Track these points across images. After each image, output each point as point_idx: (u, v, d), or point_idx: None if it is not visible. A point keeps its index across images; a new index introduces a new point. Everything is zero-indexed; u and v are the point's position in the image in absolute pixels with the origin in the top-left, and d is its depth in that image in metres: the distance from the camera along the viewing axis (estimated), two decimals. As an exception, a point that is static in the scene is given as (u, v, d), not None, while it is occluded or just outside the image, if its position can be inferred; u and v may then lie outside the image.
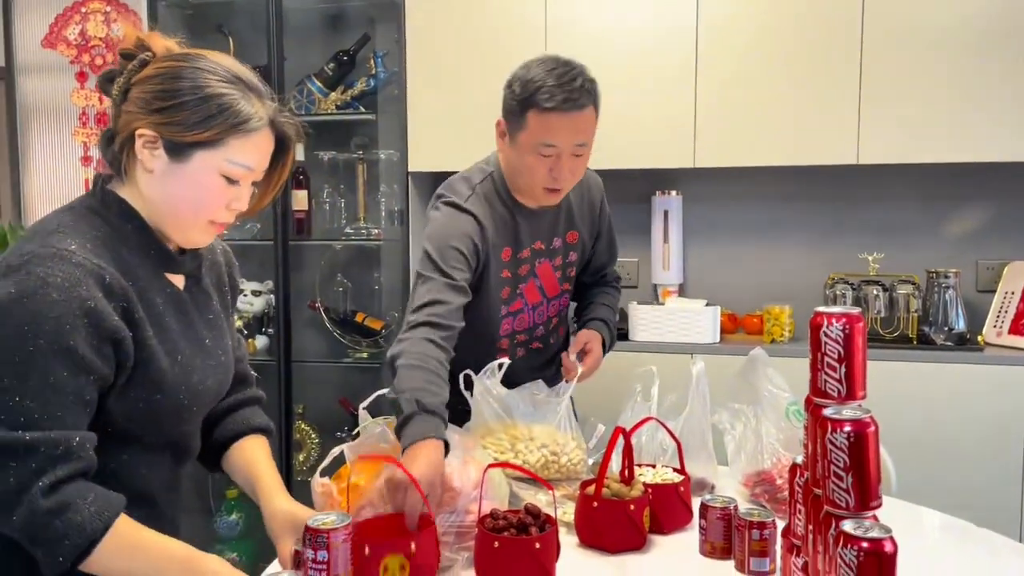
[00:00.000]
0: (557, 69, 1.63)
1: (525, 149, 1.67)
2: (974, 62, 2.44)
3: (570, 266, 1.91)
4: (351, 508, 1.36)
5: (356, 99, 2.96)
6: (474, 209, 1.73)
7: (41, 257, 1.04)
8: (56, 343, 1.01)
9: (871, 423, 0.96)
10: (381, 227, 2.99)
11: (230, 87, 1.15)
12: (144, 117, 1.12)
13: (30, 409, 1.00)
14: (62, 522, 1.00)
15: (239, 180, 1.16)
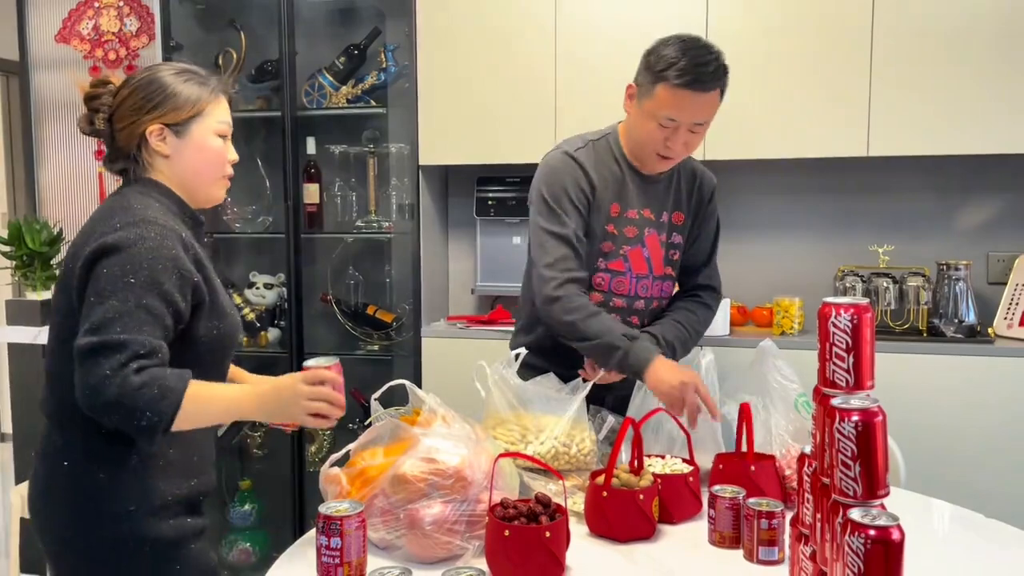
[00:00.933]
0: (694, 50, 1.73)
1: (648, 116, 1.77)
2: (985, 52, 2.43)
3: (674, 248, 1.95)
4: (362, 497, 1.38)
5: (367, 93, 2.97)
6: (581, 157, 1.86)
7: (136, 222, 1.36)
8: (149, 279, 1.32)
9: (879, 412, 0.97)
10: (392, 220, 3.00)
11: (188, 75, 1.49)
12: (144, 119, 1.44)
13: (125, 321, 1.28)
14: (156, 387, 1.26)
15: (226, 135, 1.54)
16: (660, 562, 1.38)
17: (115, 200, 1.44)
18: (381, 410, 1.62)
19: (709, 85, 1.74)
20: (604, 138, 1.90)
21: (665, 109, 1.74)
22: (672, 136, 1.78)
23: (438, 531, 1.35)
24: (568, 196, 1.82)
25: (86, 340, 1.27)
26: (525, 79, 2.74)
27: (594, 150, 1.87)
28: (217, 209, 3.15)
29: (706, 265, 2.02)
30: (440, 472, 1.38)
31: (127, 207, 1.39)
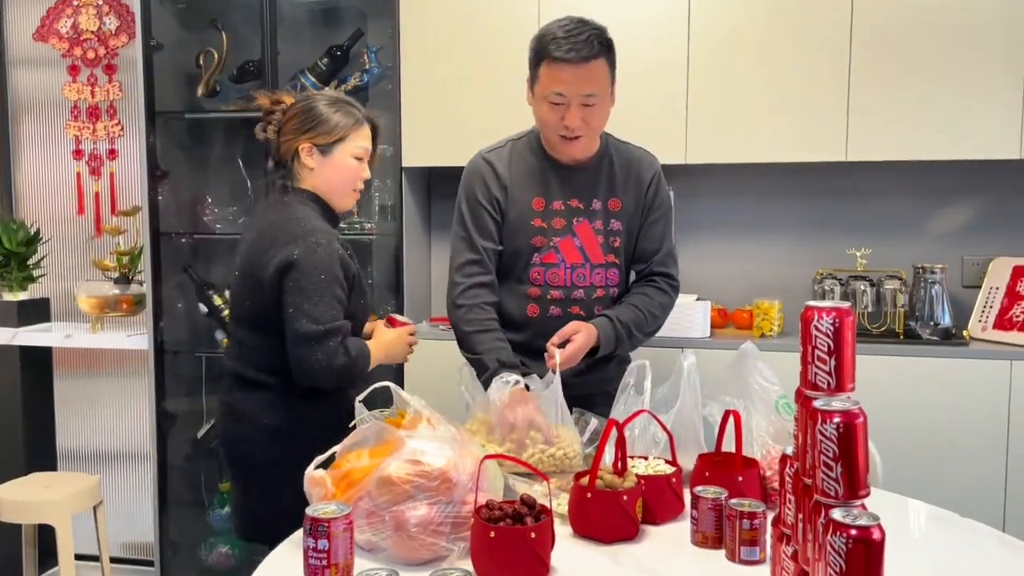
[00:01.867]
0: (568, 25, 1.81)
1: (540, 100, 1.86)
2: (963, 59, 2.47)
3: (613, 235, 1.96)
4: (347, 499, 1.38)
5: (350, 94, 2.94)
6: (493, 159, 1.96)
7: (309, 231, 1.77)
8: (333, 275, 1.76)
9: (860, 414, 0.99)
10: (374, 221, 3.00)
11: (340, 104, 1.88)
12: (300, 138, 1.85)
13: (332, 311, 1.74)
14: (360, 355, 1.80)
15: (363, 158, 1.90)
16: (644, 562, 1.39)
17: (283, 211, 1.83)
18: (366, 412, 1.63)
19: (585, 53, 1.77)
20: (527, 136, 1.98)
21: (549, 85, 1.81)
22: (566, 113, 1.82)
23: (423, 533, 1.35)
24: (477, 200, 1.94)
25: (314, 328, 1.71)
26: (508, 81, 2.74)
27: (513, 149, 1.96)
28: (197, 210, 3.14)
29: (658, 252, 2.01)
30: (425, 474, 1.38)
31: (297, 218, 1.80)
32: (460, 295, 1.94)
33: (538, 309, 1.96)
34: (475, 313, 1.92)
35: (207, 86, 3.04)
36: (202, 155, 3.21)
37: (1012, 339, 2.53)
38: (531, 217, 1.93)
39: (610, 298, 1.99)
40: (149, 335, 2.99)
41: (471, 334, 1.91)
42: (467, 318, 1.92)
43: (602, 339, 1.89)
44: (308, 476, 1.44)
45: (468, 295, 1.93)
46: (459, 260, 1.96)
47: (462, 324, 1.93)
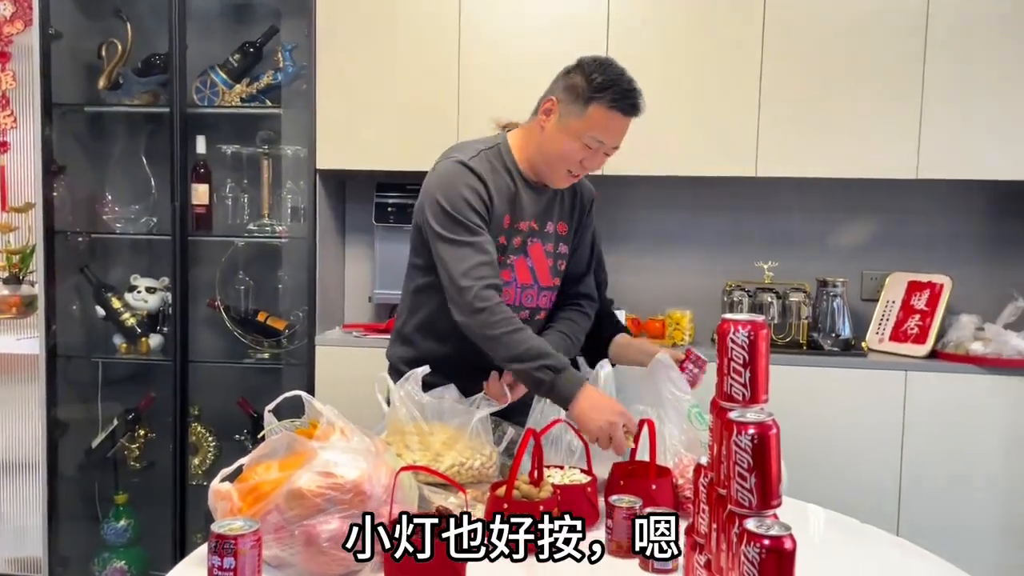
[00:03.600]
0: (625, 76, 1.76)
1: (572, 135, 1.76)
2: (865, 83, 2.58)
3: (560, 258, 1.95)
4: (254, 513, 1.33)
5: (262, 92, 2.88)
6: (476, 167, 1.80)
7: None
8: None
9: (773, 426, 1.01)
10: (286, 225, 2.92)
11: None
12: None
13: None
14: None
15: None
16: (559, 573, 1.38)
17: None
18: (275, 422, 1.57)
19: (638, 111, 1.76)
20: (495, 147, 1.86)
21: (595, 130, 1.74)
22: (591, 157, 1.78)
23: (335, 547, 1.31)
24: (470, 204, 1.77)
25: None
26: (428, 84, 2.72)
27: (487, 160, 1.84)
28: (96, 208, 2.99)
29: (585, 275, 2.04)
30: (338, 487, 1.34)
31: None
32: (475, 299, 1.71)
33: None
34: (497, 313, 1.71)
35: (109, 78, 2.91)
36: (102, 150, 3.07)
37: (906, 351, 2.66)
38: (498, 234, 1.84)
39: (544, 320, 1.98)
40: (41, 339, 2.83)
41: (502, 336, 1.70)
42: (491, 321, 1.70)
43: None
44: (213, 489, 1.38)
45: (483, 297, 1.72)
46: (464, 265, 1.73)
47: (487, 329, 1.71)
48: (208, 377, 2.98)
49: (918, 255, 2.87)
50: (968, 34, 2.54)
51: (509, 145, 1.87)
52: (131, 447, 3.03)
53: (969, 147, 2.56)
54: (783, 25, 2.59)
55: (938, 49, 2.54)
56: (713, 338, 2.80)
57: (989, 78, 2.54)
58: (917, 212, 2.87)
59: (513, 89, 2.65)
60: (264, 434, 1.54)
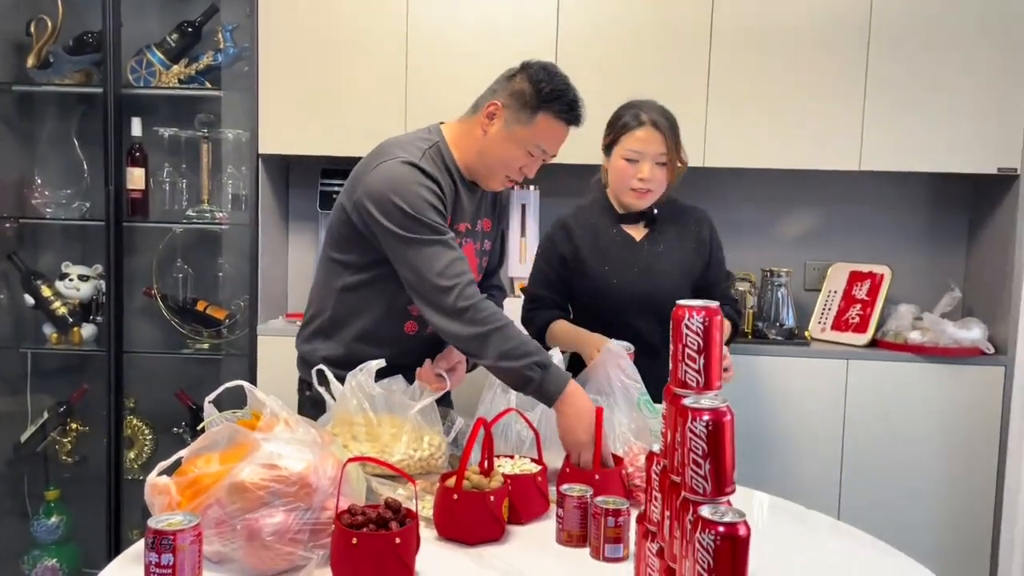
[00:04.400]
0: (571, 84, 1.76)
1: (516, 142, 1.74)
2: (810, 76, 2.62)
3: (485, 255, 1.94)
4: (194, 507, 1.28)
5: (201, 74, 2.79)
6: (429, 169, 1.73)
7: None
8: None
9: (727, 412, 1.00)
10: (226, 211, 2.84)
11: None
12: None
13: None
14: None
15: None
16: (510, 563, 1.37)
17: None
18: (216, 413, 1.51)
19: (582, 122, 1.77)
20: (435, 145, 1.79)
21: (541, 139, 1.73)
22: (530, 165, 1.77)
23: (279, 541, 1.27)
24: (430, 204, 1.69)
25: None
26: (374, 68, 2.67)
27: (431, 160, 1.76)
28: (24, 192, 2.86)
29: (498, 267, 2.05)
30: (282, 479, 1.30)
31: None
32: (457, 299, 1.63)
33: (416, 327, 1.83)
34: (480, 310, 1.64)
35: (38, 56, 2.78)
36: (31, 132, 2.93)
37: (847, 339, 2.71)
38: None
39: None
40: (-36, 329, 2.70)
41: (490, 334, 1.62)
42: (477, 319, 1.63)
43: (468, 363, 1.88)
44: (150, 483, 1.33)
45: (465, 296, 1.64)
46: (439, 264, 1.65)
47: (474, 326, 1.63)
48: (144, 368, 2.88)
49: (860, 246, 2.92)
50: (909, 31, 2.59)
51: (447, 142, 1.80)
52: (63, 441, 2.92)
53: (909, 140, 2.62)
54: (731, 22, 2.61)
55: (881, 45, 2.59)
56: (660, 327, 2.82)
57: (929, 74, 2.59)
58: (859, 203, 2.93)
59: (461, 77, 2.63)
60: (204, 426, 1.48)
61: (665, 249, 2.08)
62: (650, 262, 2.06)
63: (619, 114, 2.04)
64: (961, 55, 2.58)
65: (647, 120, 1.98)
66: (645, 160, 1.98)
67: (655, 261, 2.07)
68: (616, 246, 2.08)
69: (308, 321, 1.93)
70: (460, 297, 1.63)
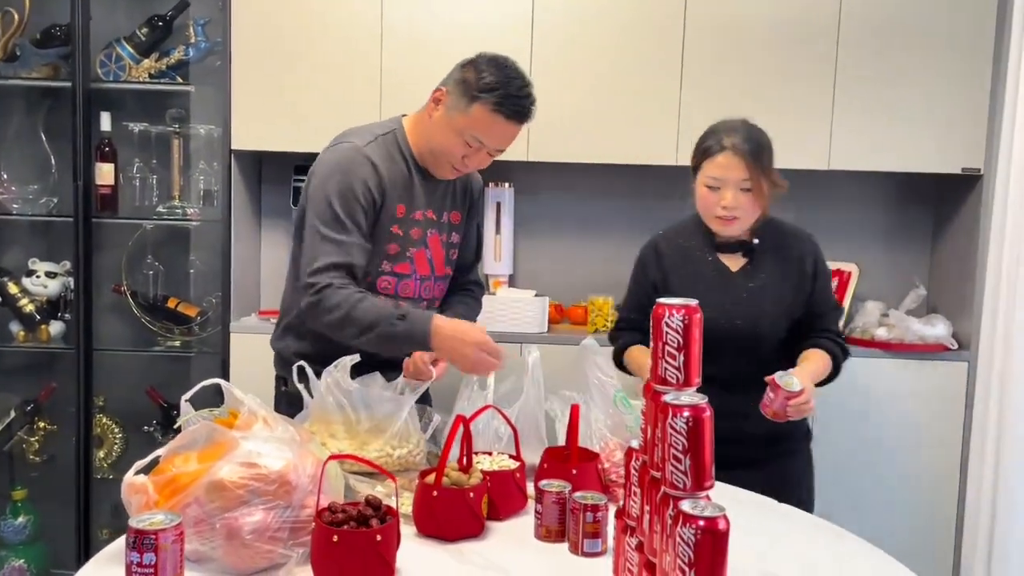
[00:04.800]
0: (516, 79, 1.72)
1: (455, 130, 1.72)
2: (780, 77, 2.65)
3: (453, 248, 1.93)
4: (172, 506, 1.27)
5: (172, 68, 2.76)
6: (372, 155, 1.74)
7: None
8: None
9: (707, 408, 1.02)
10: (198, 207, 2.81)
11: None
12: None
13: None
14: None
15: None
16: (490, 559, 1.38)
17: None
18: (192, 412, 1.50)
19: (525, 118, 1.74)
20: (391, 133, 1.81)
21: (476, 130, 1.72)
22: (472, 155, 1.76)
23: (259, 540, 1.27)
24: (357, 199, 1.71)
25: None
26: (349, 65, 2.66)
27: (384, 146, 1.78)
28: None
29: (475, 263, 2.05)
30: (262, 477, 1.29)
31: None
32: (316, 292, 1.69)
33: None
34: (333, 296, 1.67)
35: (5, 50, 2.74)
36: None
37: (817, 336, 2.75)
38: (391, 223, 1.79)
39: (439, 309, 1.96)
40: (-72, 326, 2.65)
41: (345, 317, 1.66)
42: (328, 306, 1.67)
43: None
44: (127, 482, 1.32)
45: (350, 290, 1.69)
46: (320, 263, 1.69)
47: (327, 315, 1.68)
48: (114, 366, 2.85)
49: (828, 244, 2.93)
50: (877, 32, 2.63)
51: (405, 131, 1.82)
52: (30, 440, 2.87)
53: (877, 140, 2.67)
54: (704, 22, 2.64)
55: (850, 47, 2.64)
56: (634, 324, 2.84)
57: (897, 74, 2.64)
58: (827, 202, 2.97)
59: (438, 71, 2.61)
60: (180, 424, 1.47)
61: (764, 284, 1.91)
62: (745, 298, 1.89)
63: (703, 137, 1.91)
64: (927, 56, 2.64)
65: (728, 145, 1.82)
66: (727, 187, 1.82)
67: (751, 297, 1.89)
68: (709, 276, 1.92)
69: (281, 318, 1.94)
70: (312, 292, 1.69)
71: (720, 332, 1.79)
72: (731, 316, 1.87)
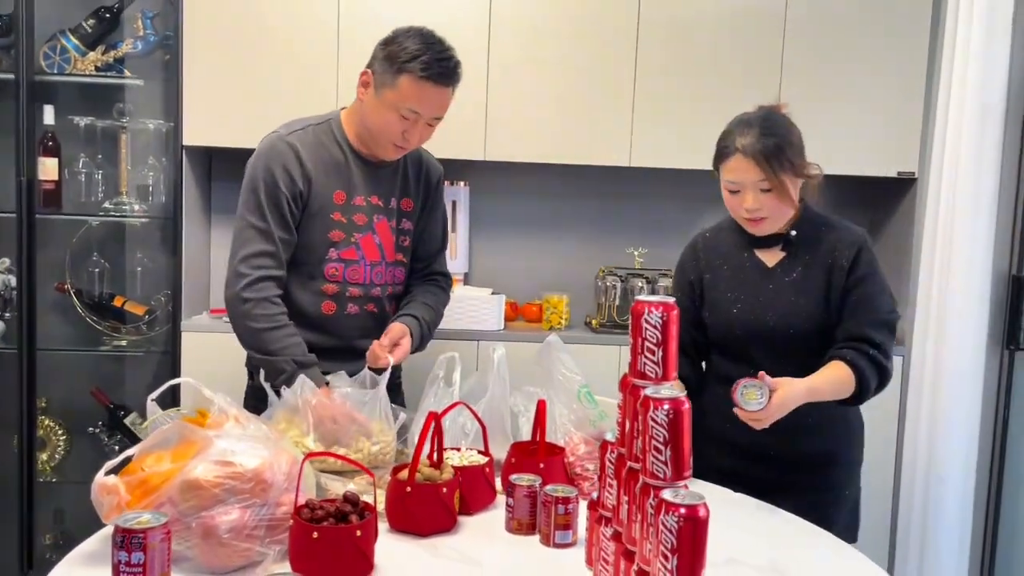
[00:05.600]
0: (436, 44, 1.76)
1: (388, 107, 1.76)
2: (728, 80, 2.73)
3: (404, 234, 1.95)
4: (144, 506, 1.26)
5: (120, 62, 2.70)
6: (294, 142, 1.80)
7: None
8: None
9: (685, 401, 1.06)
10: (146, 203, 2.75)
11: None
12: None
13: None
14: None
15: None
16: (464, 553, 1.40)
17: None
18: (159, 412, 1.49)
19: (451, 80, 1.79)
20: (327, 122, 1.87)
21: (409, 101, 1.76)
22: (411, 128, 1.80)
23: (236, 538, 1.27)
24: (277, 186, 1.79)
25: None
26: (305, 61, 2.64)
27: (313, 135, 1.84)
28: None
29: (440, 251, 2.08)
30: (238, 475, 1.30)
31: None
32: (246, 288, 1.77)
33: (335, 307, 1.88)
34: (264, 308, 1.77)
35: (-58, 39, 2.63)
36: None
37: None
38: (332, 211, 1.84)
39: (397, 296, 2.00)
40: None
41: (261, 331, 1.77)
42: (255, 313, 1.77)
43: (413, 340, 1.90)
44: (98, 483, 1.30)
45: (256, 288, 1.77)
46: (248, 250, 1.79)
47: (248, 320, 1.77)
48: (57, 366, 2.77)
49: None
50: (819, 45, 2.72)
51: (340, 120, 1.88)
52: (-34, 444, 2.77)
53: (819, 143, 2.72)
54: (657, 25, 2.70)
55: (793, 54, 2.73)
56: (587, 321, 2.90)
57: (837, 80, 2.74)
58: (772, 203, 3.07)
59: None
60: (147, 424, 1.46)
61: (798, 278, 1.77)
62: (777, 292, 1.77)
63: (720, 138, 1.81)
64: (866, 63, 2.74)
65: (739, 147, 1.71)
66: (747, 189, 1.72)
67: (783, 291, 1.77)
68: (745, 273, 1.82)
69: None
70: (248, 288, 1.77)
71: (753, 330, 1.76)
72: (763, 312, 1.77)
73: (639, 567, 1.10)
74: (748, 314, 1.78)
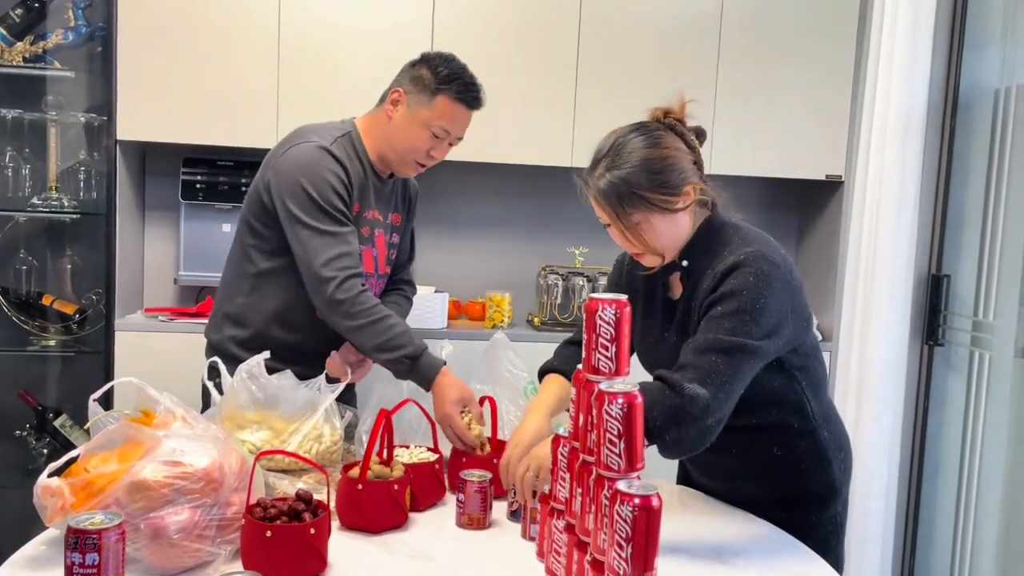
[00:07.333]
0: (467, 72, 1.85)
1: (421, 124, 1.81)
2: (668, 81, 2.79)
3: (393, 248, 1.99)
4: (90, 508, 1.23)
5: (49, 53, 2.61)
6: (338, 154, 1.80)
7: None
8: None
9: (638, 395, 1.10)
10: (78, 199, 2.67)
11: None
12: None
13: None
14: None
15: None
16: (416, 548, 1.41)
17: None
18: (102, 412, 1.46)
19: (480, 105, 1.87)
20: (347, 135, 1.87)
21: (442, 120, 1.81)
22: (438, 146, 1.85)
23: (186, 539, 1.25)
24: (336, 192, 1.77)
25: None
26: (244, 56, 2.60)
27: (342, 147, 1.84)
28: None
29: (408, 262, 2.13)
30: (187, 475, 1.28)
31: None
32: (336, 290, 1.72)
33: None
34: (359, 304, 1.72)
35: None
36: None
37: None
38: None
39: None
40: None
41: (363, 328, 1.73)
42: (351, 312, 1.72)
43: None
44: (41, 486, 1.27)
45: (344, 288, 1.72)
46: (325, 256, 1.72)
47: (347, 320, 1.72)
48: (-18, 367, 2.67)
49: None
50: (751, 50, 2.82)
51: (360, 133, 1.88)
52: None
53: (751, 146, 2.86)
54: (598, 27, 2.75)
55: (728, 57, 2.82)
56: (529, 319, 2.93)
57: (768, 85, 2.84)
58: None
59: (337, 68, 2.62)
60: (89, 426, 1.43)
61: (689, 311, 1.51)
62: (672, 336, 1.54)
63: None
64: (795, 69, 2.85)
65: (585, 192, 1.53)
66: (611, 228, 1.51)
67: (681, 332, 1.51)
68: (654, 305, 1.61)
69: (218, 308, 1.92)
70: (339, 290, 1.72)
71: (650, 368, 1.56)
72: (655, 361, 1.55)
73: (593, 557, 1.13)
74: (645, 356, 1.62)
